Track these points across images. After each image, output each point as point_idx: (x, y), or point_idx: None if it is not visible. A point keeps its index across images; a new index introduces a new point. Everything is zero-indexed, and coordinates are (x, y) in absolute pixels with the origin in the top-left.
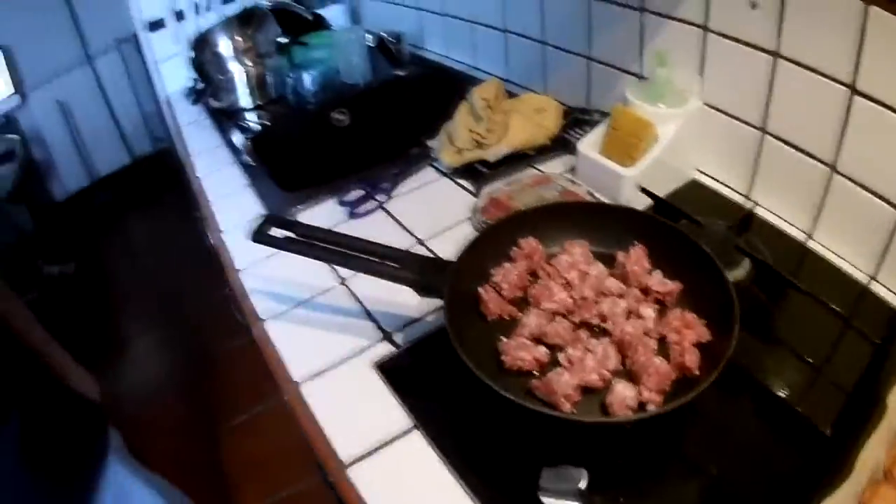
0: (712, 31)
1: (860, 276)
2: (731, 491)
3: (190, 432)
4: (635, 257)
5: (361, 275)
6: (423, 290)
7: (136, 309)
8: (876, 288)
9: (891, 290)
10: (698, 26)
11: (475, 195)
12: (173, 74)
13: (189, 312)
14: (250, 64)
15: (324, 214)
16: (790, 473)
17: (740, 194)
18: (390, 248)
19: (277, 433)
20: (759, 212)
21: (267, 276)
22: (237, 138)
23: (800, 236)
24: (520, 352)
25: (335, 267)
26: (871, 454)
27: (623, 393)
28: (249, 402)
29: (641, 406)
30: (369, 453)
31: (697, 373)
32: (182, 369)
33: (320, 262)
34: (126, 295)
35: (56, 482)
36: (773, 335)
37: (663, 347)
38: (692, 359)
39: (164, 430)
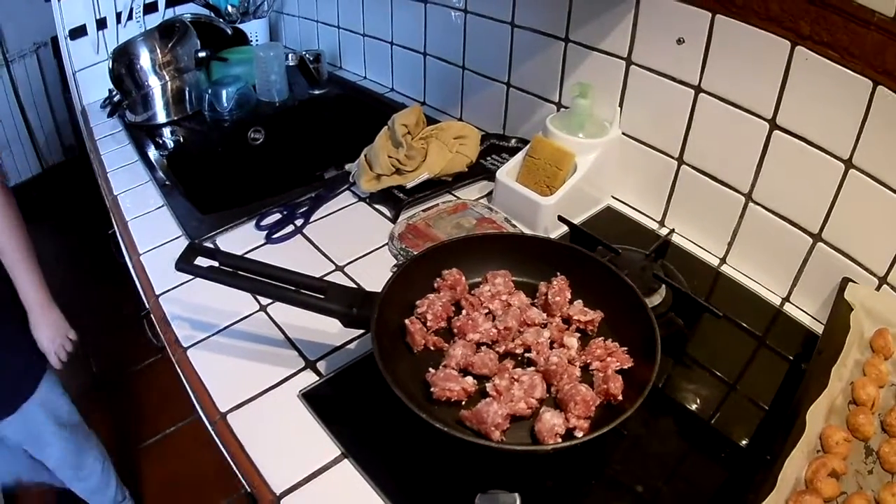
0: (636, 65)
1: (773, 298)
2: None
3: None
4: (557, 288)
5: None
6: (349, 321)
7: None
8: (789, 309)
9: (804, 311)
10: (622, 58)
11: (393, 221)
12: (91, 85)
13: (98, 330)
14: (169, 78)
15: (241, 238)
16: (714, 490)
17: (655, 221)
18: (315, 278)
19: (190, 454)
20: (674, 238)
21: (187, 302)
22: (153, 154)
23: (713, 261)
24: (448, 383)
25: None
26: (793, 468)
27: (551, 421)
28: (161, 422)
29: (569, 432)
30: (301, 484)
31: (621, 398)
32: (94, 389)
33: None
34: None
35: None
36: (692, 358)
37: (588, 374)
38: (616, 385)
39: None
